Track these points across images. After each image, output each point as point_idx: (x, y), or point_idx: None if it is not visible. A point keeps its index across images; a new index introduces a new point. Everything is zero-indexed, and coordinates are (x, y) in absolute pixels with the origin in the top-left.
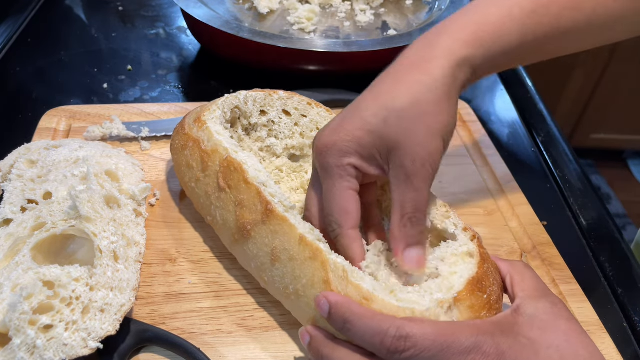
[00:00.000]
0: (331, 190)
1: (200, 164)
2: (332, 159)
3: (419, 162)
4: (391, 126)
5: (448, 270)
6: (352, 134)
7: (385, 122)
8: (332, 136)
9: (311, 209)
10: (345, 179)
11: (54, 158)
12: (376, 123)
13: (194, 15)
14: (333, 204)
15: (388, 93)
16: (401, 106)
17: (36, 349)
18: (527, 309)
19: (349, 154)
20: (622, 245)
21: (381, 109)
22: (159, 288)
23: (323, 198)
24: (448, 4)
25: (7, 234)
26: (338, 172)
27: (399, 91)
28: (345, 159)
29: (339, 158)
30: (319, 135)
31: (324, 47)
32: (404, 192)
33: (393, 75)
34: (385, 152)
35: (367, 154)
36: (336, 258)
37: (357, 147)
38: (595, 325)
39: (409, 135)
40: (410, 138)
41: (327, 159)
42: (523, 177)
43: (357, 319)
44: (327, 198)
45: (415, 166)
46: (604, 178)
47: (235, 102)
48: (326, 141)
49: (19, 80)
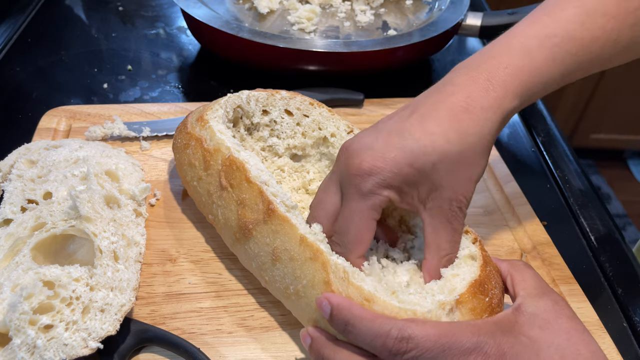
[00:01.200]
0: (355, 215)
1: (202, 162)
2: (372, 186)
3: (456, 204)
4: (439, 170)
5: (450, 272)
6: (400, 167)
7: (434, 165)
8: (376, 161)
9: (321, 221)
10: (375, 209)
11: (54, 158)
12: (425, 163)
13: (194, 15)
14: (351, 227)
15: (441, 135)
16: (452, 153)
17: (36, 349)
18: (528, 307)
19: (391, 187)
20: (622, 246)
21: (433, 151)
22: (159, 288)
23: (342, 214)
24: (448, 4)
25: (7, 234)
26: (373, 200)
27: (452, 136)
28: (385, 191)
29: (380, 187)
30: (357, 151)
31: (324, 47)
32: (443, 231)
33: (445, 111)
34: (425, 193)
35: (406, 190)
36: (337, 259)
37: (400, 183)
38: (595, 325)
39: (452, 180)
40: (453, 183)
41: (365, 184)
42: (523, 177)
43: (358, 321)
44: (347, 218)
45: (452, 209)
46: (604, 178)
47: (237, 101)
48: (369, 165)
49: (19, 80)
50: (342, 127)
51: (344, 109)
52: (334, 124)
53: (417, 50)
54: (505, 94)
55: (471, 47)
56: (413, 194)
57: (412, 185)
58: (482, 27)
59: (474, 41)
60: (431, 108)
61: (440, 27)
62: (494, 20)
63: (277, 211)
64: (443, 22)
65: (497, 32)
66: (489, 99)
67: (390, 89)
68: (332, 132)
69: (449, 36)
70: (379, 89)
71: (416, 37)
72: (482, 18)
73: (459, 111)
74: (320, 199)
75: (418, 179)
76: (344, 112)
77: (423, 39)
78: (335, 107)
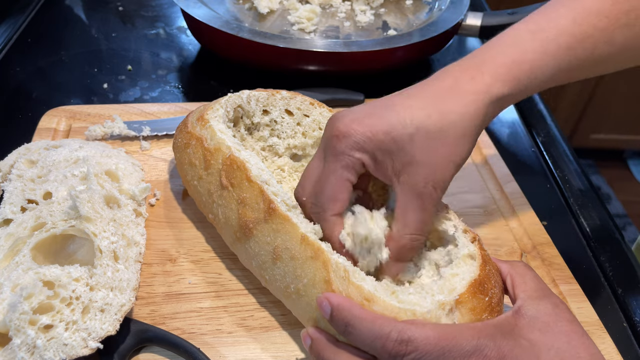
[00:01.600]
0: (330, 175)
1: (202, 162)
2: (345, 147)
3: (431, 184)
4: (415, 143)
5: (449, 272)
6: (375, 133)
7: (411, 137)
8: (352, 124)
9: (305, 186)
10: (348, 170)
11: (54, 158)
12: (402, 134)
13: (194, 15)
14: (326, 187)
15: (422, 109)
16: (431, 128)
17: (36, 349)
18: (528, 310)
19: (364, 150)
20: (622, 246)
21: (411, 123)
22: (159, 288)
23: (319, 176)
24: (448, 4)
25: (7, 234)
26: (345, 161)
27: (432, 112)
28: (357, 153)
29: (352, 149)
30: (340, 117)
31: (324, 47)
32: (412, 209)
33: (431, 92)
34: (400, 165)
35: (380, 158)
36: (338, 258)
37: (373, 148)
38: (595, 325)
39: (430, 157)
40: (430, 160)
41: (339, 144)
42: (523, 177)
43: (358, 321)
44: (322, 179)
45: (427, 187)
46: (604, 178)
47: (238, 101)
48: (345, 128)
49: (19, 80)
50: None
51: (344, 109)
52: None
53: (417, 50)
54: (494, 81)
55: (471, 47)
56: (387, 163)
57: (386, 154)
58: (482, 27)
59: (474, 41)
60: (419, 89)
61: (440, 27)
62: (494, 20)
63: (278, 210)
64: (443, 22)
65: (497, 32)
66: (476, 83)
67: (390, 89)
68: None
69: (449, 36)
70: (379, 89)
71: (416, 37)
72: (482, 18)
73: (444, 91)
74: (308, 171)
75: (393, 148)
76: None
77: (423, 39)
78: (335, 107)
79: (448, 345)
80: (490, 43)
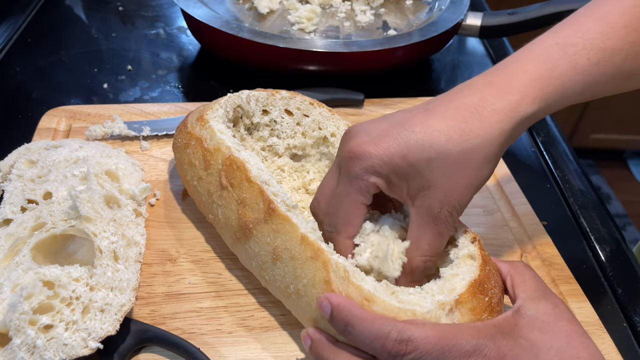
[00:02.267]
0: (344, 196)
1: (202, 162)
2: (360, 170)
3: (447, 208)
4: (433, 167)
5: (449, 272)
6: (390, 157)
7: (428, 162)
8: (368, 146)
9: (320, 201)
10: (363, 194)
11: (54, 158)
12: (419, 159)
13: (194, 15)
14: (340, 209)
15: (443, 132)
16: (451, 153)
17: (36, 349)
18: (527, 310)
19: (379, 174)
20: (622, 245)
21: (430, 147)
22: (159, 288)
23: (333, 195)
24: (448, 4)
25: (7, 234)
26: (359, 184)
27: (454, 135)
28: (372, 178)
29: (367, 173)
30: (355, 134)
31: (324, 47)
32: (426, 232)
33: (453, 110)
34: (416, 189)
35: (395, 182)
36: (337, 258)
37: (389, 172)
38: (595, 325)
39: (448, 181)
40: (448, 184)
41: (354, 167)
42: (523, 177)
43: (358, 321)
44: (336, 200)
45: (442, 212)
46: (604, 178)
47: (237, 101)
48: (361, 149)
49: (19, 80)
50: (342, 127)
51: (344, 109)
52: (334, 123)
53: (417, 50)
54: (523, 98)
55: (471, 47)
56: (402, 186)
57: (402, 178)
58: (482, 27)
59: (474, 41)
60: (441, 105)
61: (440, 27)
62: (494, 20)
63: (278, 210)
64: (443, 22)
65: (497, 32)
66: (503, 101)
67: (390, 89)
68: (332, 132)
69: (449, 36)
70: (379, 89)
71: (416, 37)
72: (482, 18)
73: (468, 111)
74: (323, 181)
75: (409, 172)
76: (344, 112)
77: (423, 39)
78: (335, 107)
79: (448, 345)
80: (518, 55)
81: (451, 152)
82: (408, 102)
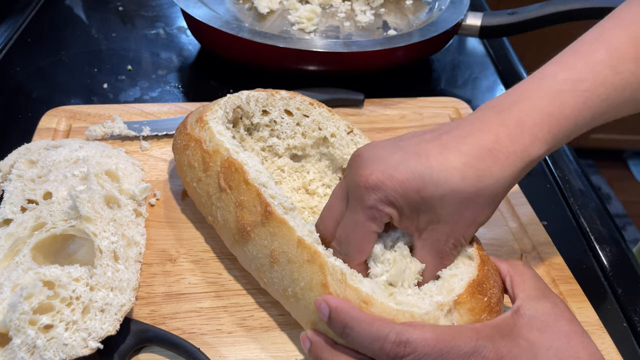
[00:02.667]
0: (357, 226)
1: (201, 164)
2: (374, 200)
3: (452, 241)
4: (445, 204)
5: (448, 272)
6: (406, 190)
7: (442, 198)
8: (384, 177)
9: (327, 224)
10: (376, 223)
11: (54, 158)
12: (433, 194)
13: (194, 15)
14: (352, 237)
15: (458, 170)
16: (464, 192)
17: (36, 349)
18: (527, 310)
19: (393, 205)
20: (622, 245)
21: (445, 183)
22: (159, 288)
23: (343, 222)
24: (448, 4)
25: (7, 234)
26: (373, 214)
27: (469, 174)
28: (386, 208)
29: (381, 203)
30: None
31: (324, 47)
32: (429, 265)
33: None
34: (425, 222)
35: (407, 214)
36: (334, 261)
37: (403, 205)
38: (595, 325)
39: (456, 217)
40: (457, 221)
41: (369, 197)
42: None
43: (356, 323)
44: (348, 227)
45: (447, 245)
46: (604, 178)
47: (237, 102)
48: (377, 180)
49: (19, 80)
50: (342, 127)
51: (344, 109)
52: (334, 124)
53: (417, 50)
54: (534, 141)
55: (471, 47)
56: (413, 218)
57: (414, 211)
58: (482, 27)
59: (474, 41)
60: (456, 139)
61: (440, 27)
62: (494, 20)
63: (275, 213)
64: (443, 22)
65: (497, 32)
66: (516, 144)
67: (390, 89)
68: (332, 132)
69: (449, 36)
70: (379, 89)
71: (416, 37)
72: (482, 18)
73: (484, 151)
74: (329, 203)
75: (422, 206)
76: (344, 112)
77: (423, 39)
78: (335, 107)
79: (446, 347)
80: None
81: (464, 191)
82: (408, 102)
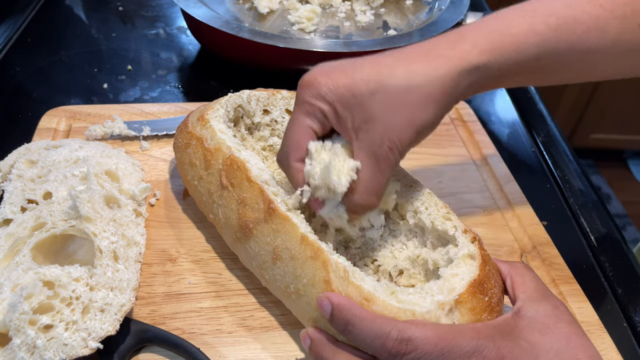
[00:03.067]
0: (293, 123)
1: (203, 162)
2: (308, 96)
3: (387, 144)
4: (375, 100)
5: (449, 272)
6: (337, 87)
7: (372, 93)
8: (318, 77)
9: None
10: (310, 118)
11: (54, 158)
12: (363, 90)
13: (194, 15)
14: (289, 134)
15: (388, 67)
16: (394, 86)
17: (36, 349)
18: (527, 311)
19: (325, 100)
20: (622, 245)
21: (374, 79)
22: (159, 288)
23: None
24: (448, 4)
25: (7, 234)
26: (306, 108)
27: (398, 70)
28: (318, 102)
29: (314, 98)
30: (314, 69)
31: (324, 47)
32: (365, 168)
33: (401, 54)
34: (359, 121)
35: (341, 112)
36: (337, 258)
37: (334, 100)
38: (595, 325)
39: (390, 116)
40: (389, 119)
41: (304, 93)
42: (523, 177)
43: (358, 321)
44: (287, 130)
45: (382, 147)
46: (604, 178)
47: (238, 101)
48: (311, 78)
49: (19, 80)
50: None
51: None
52: None
53: None
54: (473, 47)
55: None
56: (347, 118)
57: (346, 108)
58: None
59: None
60: (396, 50)
61: (440, 27)
62: None
63: (278, 210)
64: (443, 22)
65: None
66: (453, 49)
67: None
68: None
69: None
70: None
71: (416, 37)
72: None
73: (417, 54)
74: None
75: (353, 103)
76: None
77: (423, 39)
78: None
79: (448, 346)
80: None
81: (393, 86)
82: None
